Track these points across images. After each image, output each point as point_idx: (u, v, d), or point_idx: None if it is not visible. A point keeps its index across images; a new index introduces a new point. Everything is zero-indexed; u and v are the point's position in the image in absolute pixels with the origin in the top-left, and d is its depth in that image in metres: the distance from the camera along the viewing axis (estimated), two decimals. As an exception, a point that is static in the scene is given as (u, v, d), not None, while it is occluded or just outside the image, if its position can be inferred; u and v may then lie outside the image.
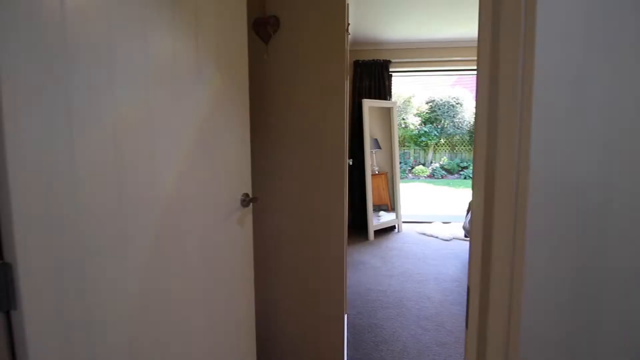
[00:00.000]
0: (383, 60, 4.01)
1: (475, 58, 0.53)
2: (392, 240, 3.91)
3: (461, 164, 9.43)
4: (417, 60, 4.08)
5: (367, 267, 3.15)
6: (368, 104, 3.89)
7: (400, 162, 5.36)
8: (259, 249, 1.56)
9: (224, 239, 1.15)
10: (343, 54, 1.53)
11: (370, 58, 4.04)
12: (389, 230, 4.25)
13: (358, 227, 4.22)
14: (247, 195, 1.24)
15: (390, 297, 2.59)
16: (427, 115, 9.21)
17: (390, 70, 4.11)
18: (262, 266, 1.63)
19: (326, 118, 1.55)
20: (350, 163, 3.17)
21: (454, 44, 4.00)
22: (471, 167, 9.10)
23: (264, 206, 1.59)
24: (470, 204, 3.28)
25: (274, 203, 1.60)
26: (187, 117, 0.96)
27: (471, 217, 0.55)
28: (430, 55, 4.06)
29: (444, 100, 9.03)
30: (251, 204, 1.25)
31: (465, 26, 3.43)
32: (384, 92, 4.07)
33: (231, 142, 1.18)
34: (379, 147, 4.17)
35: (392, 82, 4.18)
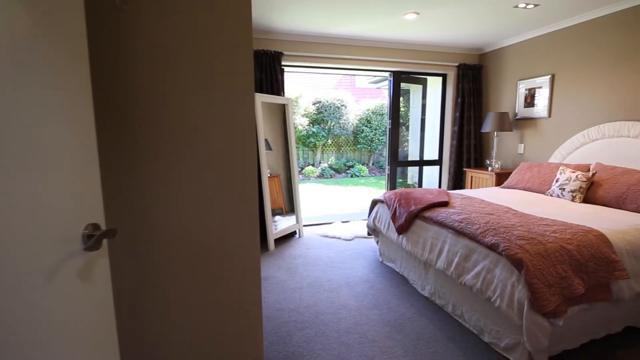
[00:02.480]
0: (274, 51, 3.67)
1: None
2: (294, 247, 3.61)
3: (347, 163, 9.91)
4: (311, 55, 3.88)
5: (272, 282, 2.76)
6: (260, 99, 3.49)
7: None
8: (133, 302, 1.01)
9: (51, 310, 0.61)
10: (249, 24, 1.12)
11: (261, 48, 3.65)
12: (289, 236, 3.95)
13: (257, 237, 3.79)
14: (95, 227, 0.71)
15: (305, 315, 2.27)
16: (315, 116, 9.34)
17: (283, 64, 3.81)
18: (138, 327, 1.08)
19: (227, 114, 1.11)
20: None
21: (349, 41, 3.98)
22: (356, 166, 9.71)
23: (135, 241, 1.04)
24: (373, 201, 3.24)
25: (153, 235, 1.07)
26: None
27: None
28: (325, 51, 3.93)
29: (329, 101, 9.30)
30: (104, 240, 0.73)
31: (360, 23, 3.40)
32: (276, 86, 3.74)
33: (59, 145, 0.65)
34: (270, 148, 3.82)
35: (285, 77, 3.88)
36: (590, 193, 2.73)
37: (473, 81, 4.45)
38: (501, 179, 3.91)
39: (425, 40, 4.04)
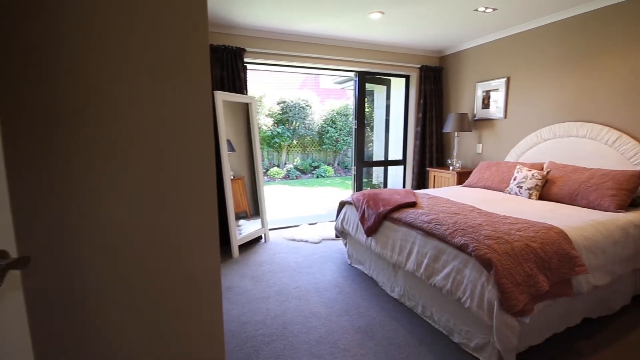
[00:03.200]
0: (236, 47, 3.49)
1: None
2: (260, 253, 3.46)
3: (313, 164, 9.85)
4: (275, 52, 3.74)
5: (236, 292, 2.60)
6: (222, 97, 3.30)
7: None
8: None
9: None
10: (204, 6, 0.98)
11: (221, 43, 3.45)
12: (254, 241, 3.78)
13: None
14: (3, 254, 0.55)
15: (272, 327, 2.14)
16: (279, 117, 9.16)
17: (245, 60, 3.63)
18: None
19: (177, 109, 0.97)
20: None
21: (315, 39, 3.88)
22: (322, 167, 9.66)
23: (64, 266, 0.87)
24: (340, 203, 3.18)
25: (87, 248, 0.90)
26: None
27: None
28: (290, 48, 3.80)
29: (294, 101, 9.17)
30: (17, 271, 0.57)
31: (325, 21, 3.31)
32: (239, 84, 3.56)
33: None
34: (233, 149, 3.63)
35: (247, 75, 3.71)
36: (545, 190, 2.86)
37: (434, 83, 4.55)
38: (462, 177, 4.03)
39: (389, 41, 4.06)
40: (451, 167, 4.21)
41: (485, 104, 4.05)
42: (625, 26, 2.72)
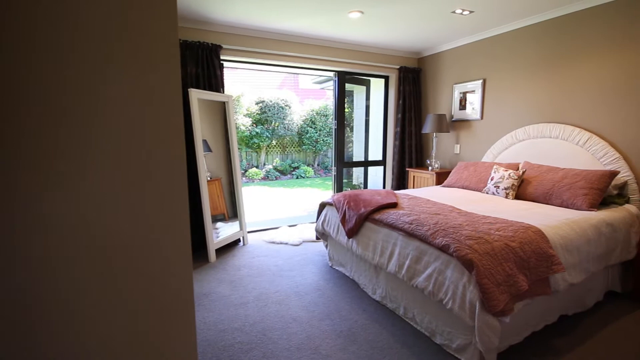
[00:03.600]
0: (212, 44, 3.37)
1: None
2: (238, 257, 3.35)
3: (293, 165, 9.76)
4: (253, 50, 3.64)
5: (213, 299, 2.49)
6: (197, 95, 3.17)
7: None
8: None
9: None
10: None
11: (197, 39, 3.32)
12: (232, 244, 3.67)
13: (192, 248, 3.44)
14: None
15: (251, 334, 2.05)
16: (258, 117, 9.01)
17: (222, 58, 3.52)
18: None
19: (145, 104, 0.88)
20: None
21: (294, 38, 3.81)
22: (302, 167, 9.59)
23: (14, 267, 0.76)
24: (321, 204, 3.12)
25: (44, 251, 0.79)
26: None
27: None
28: (268, 46, 3.71)
29: (273, 101, 9.04)
30: None
31: (304, 19, 3.25)
32: (215, 82, 3.44)
33: None
34: (209, 150, 3.51)
35: (224, 73, 3.59)
36: (521, 190, 2.92)
37: (413, 84, 4.59)
38: (441, 178, 4.07)
39: (369, 41, 4.05)
40: (430, 168, 4.25)
41: (463, 105, 4.12)
42: (596, 30, 2.82)
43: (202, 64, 3.34)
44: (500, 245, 1.79)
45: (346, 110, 5.07)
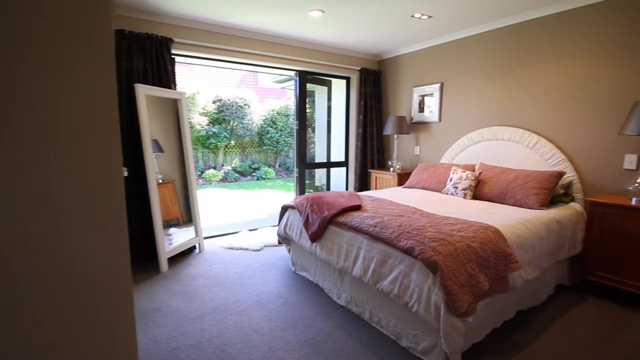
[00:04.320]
0: (162, 36, 3.11)
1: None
2: (193, 265, 3.12)
3: (253, 166, 9.49)
4: (208, 45, 3.42)
5: (164, 313, 2.27)
6: (144, 91, 2.91)
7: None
8: None
9: None
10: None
11: (144, 31, 3.05)
12: (187, 252, 3.43)
13: (141, 258, 3.16)
14: None
15: (208, 350, 1.89)
16: (215, 116, 8.64)
17: (173, 52, 3.27)
18: None
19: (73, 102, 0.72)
20: (126, 174, 2.20)
21: (252, 34, 3.64)
22: (262, 168, 9.36)
23: None
24: (283, 207, 3.00)
25: None
26: None
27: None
28: (224, 42, 3.51)
29: (231, 100, 8.72)
30: None
31: (262, 15, 3.11)
32: (166, 78, 3.18)
33: None
34: (161, 150, 3.25)
35: (176, 69, 3.34)
36: (478, 190, 3.01)
37: (374, 85, 4.62)
38: (402, 179, 4.13)
39: (330, 41, 4.00)
40: (392, 169, 4.30)
41: (421, 108, 4.21)
42: (545, 40, 2.99)
43: (151, 57, 3.07)
44: (462, 246, 1.80)
45: (308, 110, 5.00)
